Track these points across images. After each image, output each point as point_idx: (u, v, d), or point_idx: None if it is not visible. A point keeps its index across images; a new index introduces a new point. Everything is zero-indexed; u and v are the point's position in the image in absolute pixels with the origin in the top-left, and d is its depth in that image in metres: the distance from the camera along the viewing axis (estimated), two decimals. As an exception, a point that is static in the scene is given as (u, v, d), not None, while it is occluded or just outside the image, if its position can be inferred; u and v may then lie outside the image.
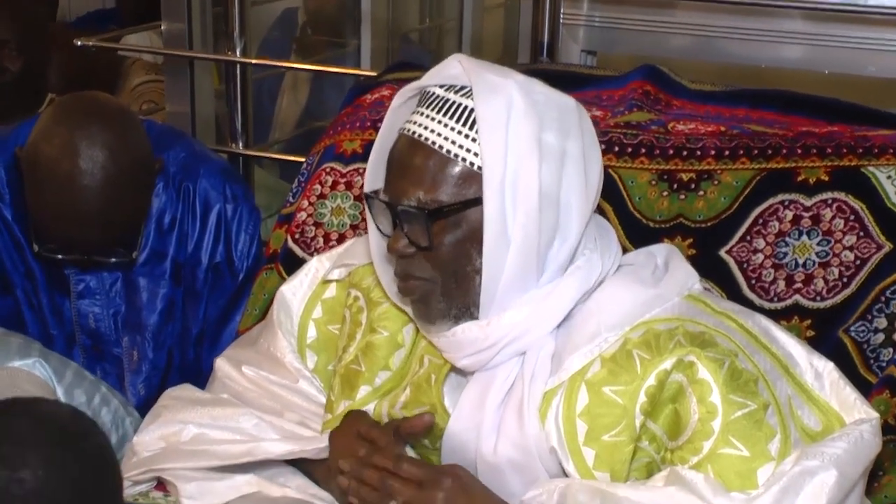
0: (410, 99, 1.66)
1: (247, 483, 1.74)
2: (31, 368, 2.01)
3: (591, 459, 1.57)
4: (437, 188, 1.57)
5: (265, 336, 1.92)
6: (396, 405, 1.72)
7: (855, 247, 1.87)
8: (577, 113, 1.62)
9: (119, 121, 2.19)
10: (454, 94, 1.60)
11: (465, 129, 1.57)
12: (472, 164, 1.57)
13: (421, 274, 1.62)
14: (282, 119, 4.36)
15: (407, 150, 1.60)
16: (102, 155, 2.10)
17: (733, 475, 1.50)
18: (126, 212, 2.19)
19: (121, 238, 2.23)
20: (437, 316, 1.63)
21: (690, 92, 2.18)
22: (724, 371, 1.53)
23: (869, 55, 2.80)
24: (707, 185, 1.96)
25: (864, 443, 1.52)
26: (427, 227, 1.58)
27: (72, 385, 2.05)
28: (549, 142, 1.57)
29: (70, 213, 2.11)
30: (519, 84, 1.58)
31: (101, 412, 2.09)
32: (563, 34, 2.97)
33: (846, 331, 1.86)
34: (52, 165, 2.10)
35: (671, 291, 1.64)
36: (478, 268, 1.58)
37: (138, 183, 2.20)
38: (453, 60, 1.62)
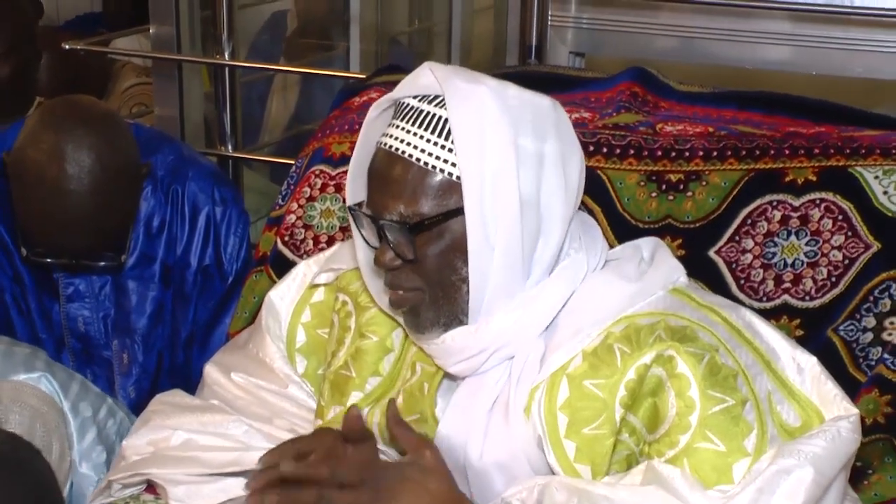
0: (385, 111, 1.65)
1: (237, 485, 1.73)
2: (37, 382, 2.01)
3: (572, 452, 1.57)
4: (418, 201, 1.57)
5: (254, 341, 1.92)
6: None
7: (843, 246, 1.87)
8: (552, 113, 1.61)
9: (106, 124, 2.19)
10: (428, 104, 1.59)
11: (440, 140, 1.56)
12: (450, 174, 1.56)
13: (410, 284, 1.61)
14: (271, 122, 4.36)
15: (385, 164, 1.60)
16: (89, 159, 2.10)
17: (709, 469, 1.50)
18: (114, 216, 2.18)
19: (109, 242, 2.23)
20: (427, 325, 1.63)
21: (678, 93, 2.18)
22: (703, 366, 1.53)
23: (855, 56, 2.81)
24: (695, 185, 1.97)
25: (841, 440, 1.51)
26: (411, 240, 1.58)
27: (78, 398, 2.05)
28: (526, 146, 1.56)
29: (57, 218, 2.11)
30: (491, 90, 1.57)
31: (107, 424, 2.09)
32: (551, 36, 2.98)
33: (835, 330, 1.86)
34: (38, 170, 2.10)
35: (655, 285, 1.64)
36: (464, 276, 1.58)
37: (126, 187, 2.20)
38: (425, 69, 1.61)
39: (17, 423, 1.93)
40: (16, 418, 1.93)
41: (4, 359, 2.01)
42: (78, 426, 2.04)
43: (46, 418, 1.97)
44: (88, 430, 2.05)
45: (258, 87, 4.30)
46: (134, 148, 2.24)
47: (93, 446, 2.05)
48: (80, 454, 2.04)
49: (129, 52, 3.60)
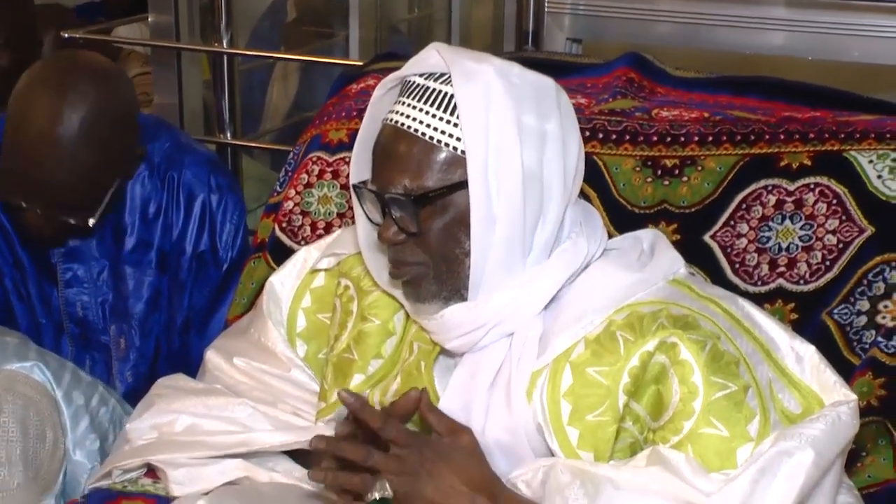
0: (392, 89, 1.67)
1: (235, 468, 1.74)
2: (30, 371, 2.01)
3: (574, 439, 1.58)
4: (423, 175, 1.59)
5: (255, 326, 1.92)
6: (388, 393, 1.72)
7: (837, 230, 1.88)
8: (554, 93, 1.63)
9: (108, 75, 2.19)
10: (434, 81, 1.61)
11: (446, 116, 1.58)
12: (455, 149, 1.58)
13: (413, 259, 1.63)
14: (272, 109, 4.36)
15: (391, 140, 1.62)
16: (83, 103, 2.10)
17: (713, 454, 1.51)
18: (92, 162, 2.16)
19: (81, 196, 2.19)
20: (428, 297, 1.64)
21: (674, 79, 2.19)
22: (705, 353, 1.54)
23: (852, 41, 2.81)
24: (691, 170, 1.97)
25: (841, 424, 1.53)
26: (415, 214, 1.59)
27: (70, 387, 2.05)
28: (529, 124, 1.58)
29: (35, 151, 2.11)
30: (496, 68, 1.59)
31: (100, 412, 2.09)
32: (548, 22, 2.98)
33: (829, 313, 1.86)
34: (30, 100, 2.11)
35: (656, 276, 1.65)
36: (467, 250, 1.59)
37: (112, 140, 2.18)
38: (431, 49, 1.63)
39: (11, 412, 1.94)
40: (9, 407, 1.94)
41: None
42: (71, 414, 2.04)
43: (40, 407, 1.98)
44: (82, 418, 2.06)
45: (258, 75, 4.31)
46: (132, 105, 2.24)
47: (86, 434, 2.06)
48: (73, 442, 2.04)
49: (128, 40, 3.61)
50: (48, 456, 1.97)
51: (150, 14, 3.20)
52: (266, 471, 1.75)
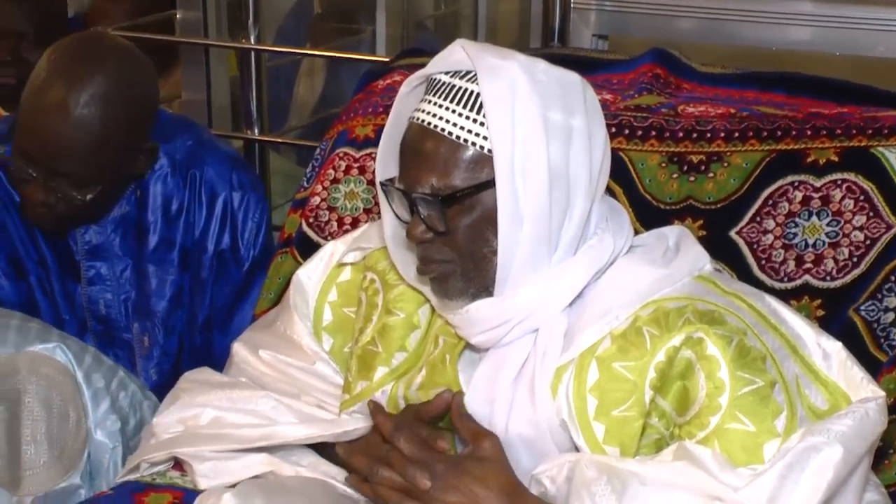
0: (417, 87, 1.66)
1: (260, 462, 1.75)
2: (52, 353, 2.03)
3: (600, 434, 1.58)
4: (450, 174, 1.58)
5: (282, 319, 1.93)
6: (412, 386, 1.72)
7: (865, 227, 1.87)
8: (581, 88, 1.62)
9: (129, 55, 2.21)
10: (459, 79, 1.60)
11: (472, 114, 1.58)
12: (481, 147, 1.57)
13: (441, 256, 1.63)
14: (299, 105, 4.36)
15: (418, 138, 1.61)
16: (97, 69, 2.12)
17: (739, 450, 1.51)
18: (96, 133, 2.15)
19: (81, 164, 2.17)
20: (455, 293, 1.64)
21: (700, 75, 2.18)
22: (732, 348, 1.54)
23: (879, 36, 2.80)
24: (717, 166, 1.96)
25: (869, 420, 1.52)
26: (442, 213, 1.59)
27: (91, 369, 2.07)
28: (555, 120, 1.58)
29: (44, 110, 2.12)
30: (521, 65, 1.58)
31: (119, 396, 2.11)
32: (573, 18, 2.98)
33: (856, 310, 1.86)
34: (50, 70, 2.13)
35: (682, 272, 1.65)
36: (494, 248, 1.59)
37: (121, 114, 2.17)
38: (456, 46, 1.62)
39: (35, 393, 1.97)
40: (33, 388, 1.97)
41: (19, 332, 2.04)
42: (91, 395, 2.06)
43: (62, 387, 2.00)
44: (102, 399, 2.07)
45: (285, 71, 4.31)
46: (150, 88, 2.26)
47: (107, 415, 2.07)
48: (94, 422, 2.06)
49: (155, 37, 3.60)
50: (72, 435, 2.00)
51: (178, 11, 3.20)
52: (291, 465, 1.75)
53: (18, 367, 1.97)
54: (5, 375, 1.96)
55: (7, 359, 1.98)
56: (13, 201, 2.31)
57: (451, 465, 1.58)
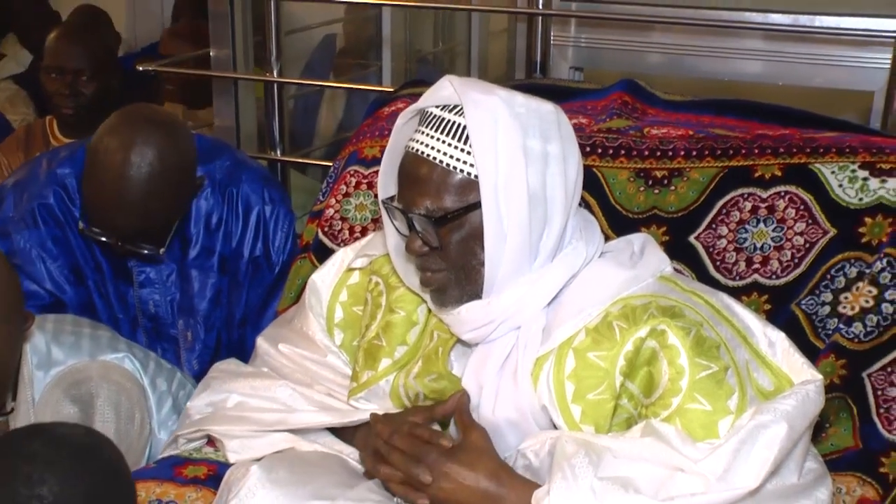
0: (412, 119, 1.67)
1: (283, 440, 1.75)
2: (121, 362, 2.03)
3: (577, 415, 1.59)
4: (442, 197, 1.59)
5: (298, 317, 1.94)
6: (411, 375, 1.73)
7: (804, 232, 1.88)
8: (555, 117, 1.62)
9: (172, 129, 2.21)
10: (448, 112, 1.60)
11: (460, 144, 1.58)
12: (468, 173, 1.58)
13: (436, 266, 1.64)
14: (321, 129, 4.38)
15: (414, 165, 1.62)
16: (152, 154, 2.12)
17: (698, 426, 1.52)
18: (161, 208, 2.19)
19: (151, 232, 2.23)
20: (451, 301, 1.65)
21: (663, 102, 2.18)
22: (690, 338, 1.54)
23: (816, 69, 2.81)
24: (678, 181, 1.97)
25: (809, 400, 1.53)
26: (436, 231, 1.60)
27: (154, 374, 2.08)
28: (533, 147, 1.58)
29: (113, 198, 2.13)
30: (502, 99, 1.59)
31: (179, 395, 2.12)
32: (553, 53, 2.98)
33: (798, 304, 1.86)
34: (108, 155, 2.13)
35: (646, 273, 1.65)
36: (482, 260, 1.60)
37: (177, 186, 2.21)
38: (445, 82, 1.62)
39: (107, 398, 1.96)
40: (105, 393, 1.96)
41: (92, 341, 2.04)
42: (156, 399, 2.07)
43: (130, 393, 2.00)
44: (165, 401, 2.08)
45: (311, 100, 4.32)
46: (192, 155, 2.25)
47: (169, 415, 2.08)
48: (158, 423, 2.07)
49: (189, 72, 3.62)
50: (136, 435, 2.00)
51: (212, 49, 3.20)
52: (309, 443, 1.76)
53: (92, 374, 1.97)
54: (81, 381, 1.96)
55: (83, 366, 1.98)
56: (73, 217, 2.32)
57: (442, 454, 1.59)
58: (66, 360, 1.98)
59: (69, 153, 2.36)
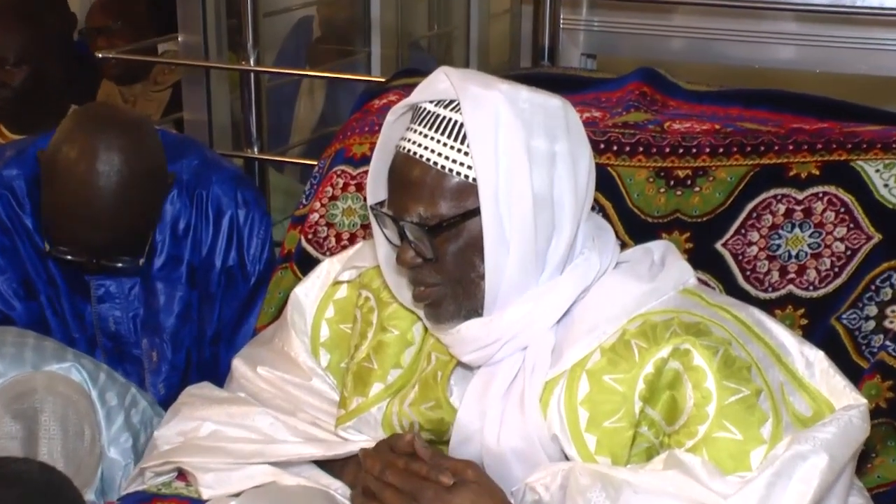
0: (403, 115, 1.66)
1: (262, 473, 1.75)
2: (68, 372, 2.03)
3: (592, 445, 1.58)
4: (436, 203, 1.58)
5: (279, 336, 1.94)
6: (406, 402, 1.73)
7: (845, 238, 1.88)
8: (562, 113, 1.62)
9: (136, 129, 2.21)
10: (443, 108, 1.60)
11: (456, 144, 1.58)
12: (466, 177, 1.57)
13: (431, 280, 1.63)
14: (300, 124, 4.38)
15: (405, 168, 1.61)
16: (119, 159, 2.12)
17: (727, 457, 1.51)
18: (136, 217, 2.20)
19: (129, 243, 2.23)
20: (448, 317, 1.65)
21: (686, 92, 2.18)
22: (718, 358, 1.54)
23: (859, 54, 2.81)
24: (702, 181, 1.97)
25: (853, 427, 1.53)
26: (430, 241, 1.59)
27: (105, 387, 2.07)
28: (538, 147, 1.58)
29: (82, 213, 2.13)
30: (504, 94, 1.58)
31: (132, 412, 2.11)
32: (563, 38, 2.98)
33: (838, 318, 1.86)
34: (70, 166, 2.12)
35: (667, 286, 1.65)
36: (481, 273, 1.59)
37: (150, 190, 2.21)
38: (440, 74, 1.62)
39: (52, 411, 1.96)
40: (50, 406, 1.96)
41: (35, 352, 2.04)
42: (105, 413, 2.06)
43: (78, 406, 2.00)
44: (116, 417, 2.07)
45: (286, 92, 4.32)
46: (161, 154, 2.25)
47: (120, 432, 2.08)
48: (108, 440, 2.06)
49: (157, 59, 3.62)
50: (87, 452, 1.99)
51: (180, 34, 3.21)
52: (292, 476, 1.75)
53: (36, 386, 1.97)
54: (23, 394, 1.96)
55: (25, 378, 1.98)
56: (22, 225, 2.32)
57: (441, 492, 1.58)
58: (6, 373, 1.98)
59: (15, 152, 2.35)
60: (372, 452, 1.66)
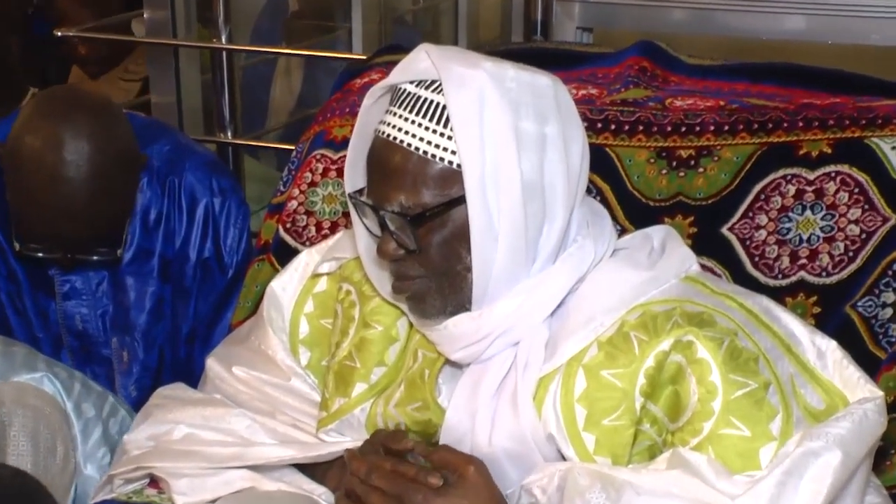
0: (382, 97, 1.65)
1: (240, 478, 1.75)
2: (39, 383, 2.02)
3: (591, 444, 1.59)
4: (419, 191, 1.57)
5: (256, 333, 1.93)
6: (391, 402, 1.73)
7: (860, 220, 1.88)
8: (552, 92, 1.61)
9: (104, 112, 2.21)
10: (425, 90, 1.59)
11: (439, 128, 1.57)
12: (450, 162, 1.56)
13: (414, 273, 1.62)
14: (275, 107, 4.37)
15: (384, 154, 1.60)
16: (88, 146, 2.12)
17: (734, 455, 1.52)
18: (111, 206, 2.20)
19: (105, 234, 2.24)
20: (433, 312, 1.64)
21: (689, 67, 2.18)
22: (723, 350, 1.54)
23: (872, 24, 2.81)
24: (707, 161, 1.98)
25: (868, 422, 1.53)
26: (412, 232, 1.59)
27: (80, 398, 2.07)
28: (527, 129, 1.57)
29: (54, 207, 2.12)
30: (489, 74, 1.56)
31: (110, 423, 2.11)
32: (557, 11, 2.99)
33: (853, 306, 1.86)
34: (36, 157, 2.11)
35: (668, 274, 1.65)
36: (468, 265, 1.59)
37: (124, 176, 2.21)
38: (421, 53, 1.60)
39: (22, 426, 1.95)
40: (19, 420, 1.95)
41: (4, 359, 2.03)
42: (82, 427, 2.06)
43: (50, 419, 1.99)
44: (92, 430, 2.07)
45: (261, 72, 4.32)
46: (132, 137, 2.25)
47: (97, 447, 2.07)
48: (84, 456, 2.06)
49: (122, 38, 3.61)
50: (59, 470, 1.98)
51: (146, 10, 3.20)
52: (273, 481, 1.76)
53: (3, 398, 1.96)
54: None
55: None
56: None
57: (431, 494, 1.57)
58: None
59: None
60: (358, 454, 1.67)
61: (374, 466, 1.62)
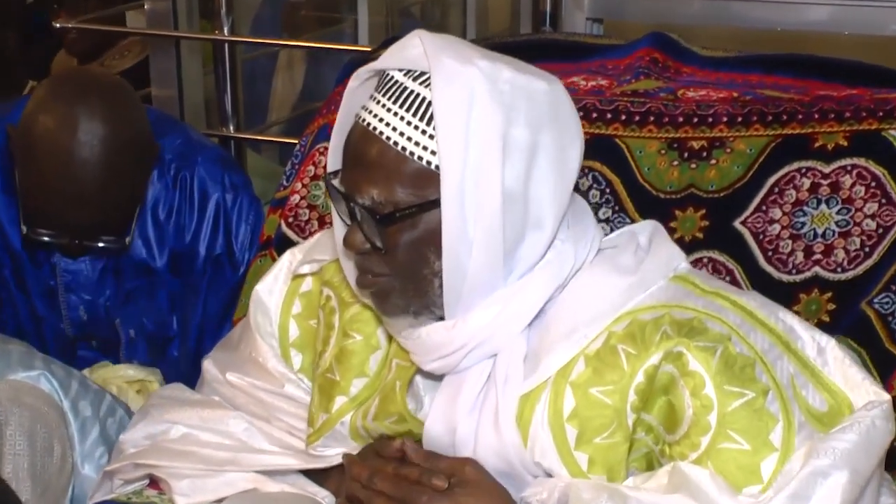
0: (368, 80, 1.59)
1: (243, 479, 1.74)
2: (36, 381, 2.02)
3: (584, 463, 1.55)
4: (392, 188, 1.52)
5: (245, 341, 1.91)
6: (368, 416, 1.71)
7: (877, 214, 1.88)
8: (549, 98, 1.54)
9: (119, 95, 2.22)
10: (412, 80, 1.53)
11: (421, 124, 1.51)
12: (429, 162, 1.51)
13: (379, 270, 1.58)
14: (278, 101, 4.38)
15: (361, 143, 1.54)
16: (103, 128, 2.13)
17: (735, 470, 1.49)
18: (122, 190, 2.21)
19: (113, 220, 2.24)
20: (396, 311, 1.60)
21: (701, 59, 2.18)
22: (716, 360, 1.51)
23: (891, 14, 2.81)
24: (719, 153, 1.98)
25: (876, 431, 1.49)
26: (380, 231, 1.54)
27: (78, 396, 2.07)
28: (517, 136, 1.50)
29: (65, 188, 2.14)
30: (482, 72, 1.50)
31: (108, 423, 2.11)
32: (566, 2, 2.99)
33: (869, 303, 1.86)
34: (50, 138, 2.13)
35: (654, 275, 1.61)
36: (436, 270, 1.55)
37: (137, 161, 2.22)
38: (415, 38, 1.54)
39: (18, 425, 1.95)
40: (16, 419, 1.95)
41: (0, 357, 2.03)
42: (79, 426, 2.06)
43: (47, 419, 1.99)
44: (90, 429, 2.07)
45: (263, 65, 4.32)
46: (146, 123, 2.27)
47: (95, 446, 2.07)
48: (81, 455, 2.06)
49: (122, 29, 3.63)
50: (56, 470, 1.99)
51: (147, 1, 3.22)
52: (276, 482, 1.75)
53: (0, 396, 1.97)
54: None
55: None
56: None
57: (437, 496, 1.56)
58: None
59: None
60: (357, 459, 1.66)
61: (375, 470, 1.61)
